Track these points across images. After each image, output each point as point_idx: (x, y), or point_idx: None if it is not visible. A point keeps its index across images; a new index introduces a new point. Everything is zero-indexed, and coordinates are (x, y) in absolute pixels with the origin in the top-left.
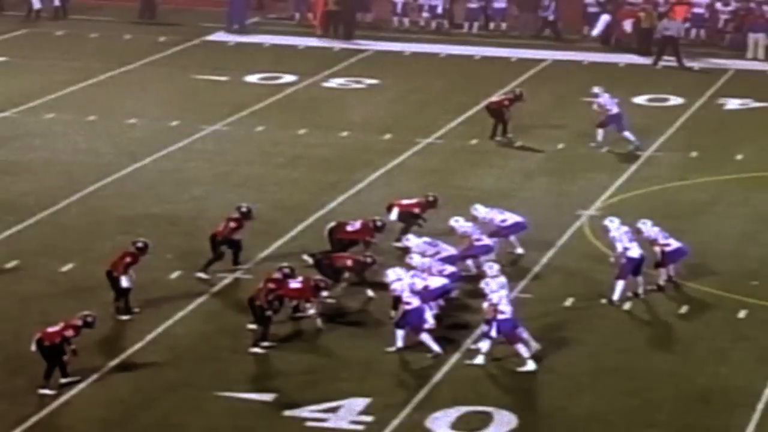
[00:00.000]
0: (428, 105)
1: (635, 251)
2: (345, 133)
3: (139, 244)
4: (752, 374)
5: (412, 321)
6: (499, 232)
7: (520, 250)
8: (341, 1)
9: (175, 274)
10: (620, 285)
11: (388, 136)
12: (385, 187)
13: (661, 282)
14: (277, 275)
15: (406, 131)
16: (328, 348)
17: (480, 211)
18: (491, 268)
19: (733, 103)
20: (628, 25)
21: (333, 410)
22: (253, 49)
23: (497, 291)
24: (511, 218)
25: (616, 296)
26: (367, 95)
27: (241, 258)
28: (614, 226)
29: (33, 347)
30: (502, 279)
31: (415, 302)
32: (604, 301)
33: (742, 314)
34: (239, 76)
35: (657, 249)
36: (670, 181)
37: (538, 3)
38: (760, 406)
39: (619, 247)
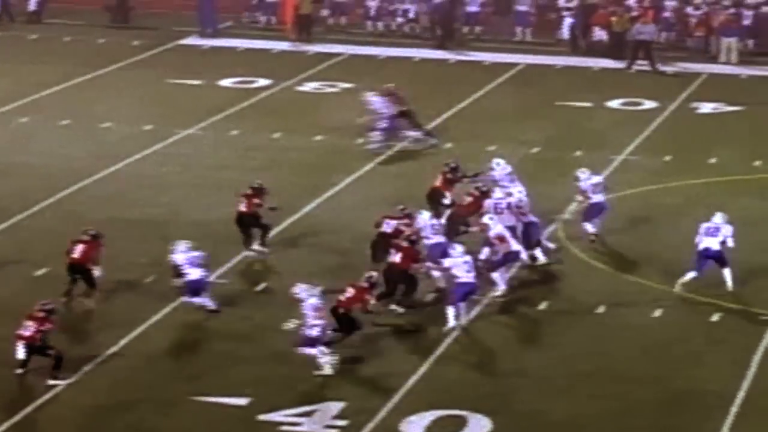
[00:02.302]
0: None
1: (599, 198)
2: (320, 137)
3: (92, 232)
4: (726, 377)
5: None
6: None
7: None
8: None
9: (149, 279)
10: (588, 226)
11: (362, 140)
12: (361, 190)
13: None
14: (364, 284)
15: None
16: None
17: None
18: (454, 249)
19: (706, 107)
20: (599, 33)
21: (307, 414)
22: (227, 53)
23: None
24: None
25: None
26: (342, 99)
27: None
28: (584, 176)
29: (20, 354)
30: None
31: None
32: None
33: (716, 317)
34: (213, 80)
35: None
36: (644, 184)
37: (511, 7)
38: (734, 409)
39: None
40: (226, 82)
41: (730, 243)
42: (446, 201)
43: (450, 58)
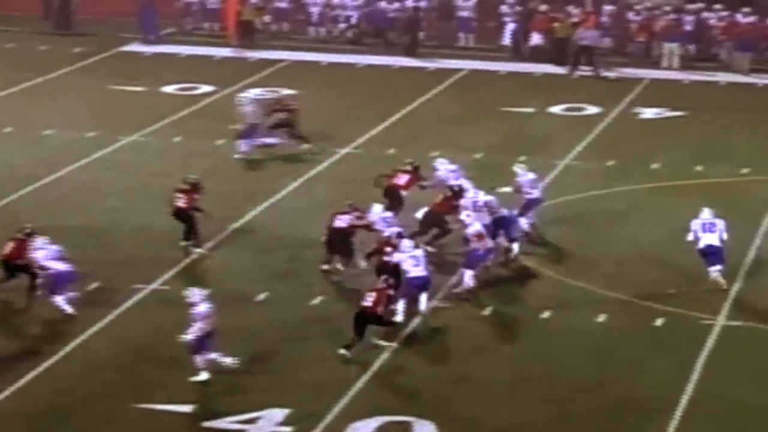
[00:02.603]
0: (346, 115)
1: (536, 193)
2: None
3: (27, 230)
4: (670, 382)
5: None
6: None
7: None
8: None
9: (92, 286)
10: (523, 220)
11: (306, 146)
12: (304, 196)
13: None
14: (382, 285)
15: (324, 141)
16: (247, 357)
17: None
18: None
19: (648, 113)
20: (537, 38)
21: (252, 421)
22: (169, 59)
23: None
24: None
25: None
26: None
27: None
28: (521, 172)
29: None
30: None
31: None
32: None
33: (659, 322)
34: (156, 87)
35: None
36: (587, 190)
37: (454, 13)
38: (677, 414)
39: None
40: (168, 89)
41: (724, 236)
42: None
43: (393, 63)
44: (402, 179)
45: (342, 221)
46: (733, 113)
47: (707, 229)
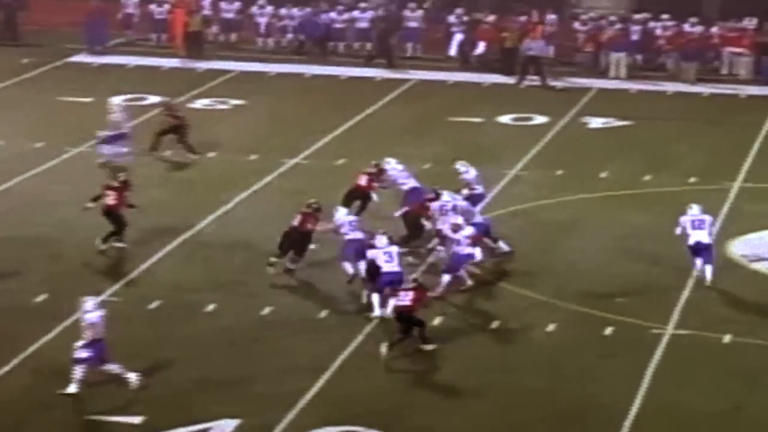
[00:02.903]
0: (294, 125)
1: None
2: (211, 154)
3: None
4: (619, 391)
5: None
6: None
7: None
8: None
9: (41, 297)
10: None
11: (254, 157)
12: (252, 207)
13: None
14: (414, 284)
15: (272, 152)
16: (197, 368)
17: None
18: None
19: (596, 122)
20: (482, 47)
21: None
22: (117, 70)
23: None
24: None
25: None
26: (233, 116)
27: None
28: (464, 169)
29: None
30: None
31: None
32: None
33: (608, 331)
34: (104, 98)
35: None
36: (536, 199)
37: (401, 23)
38: (627, 422)
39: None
40: (116, 100)
41: (710, 230)
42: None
43: (341, 74)
44: (363, 180)
45: (297, 221)
46: (680, 122)
47: (696, 226)
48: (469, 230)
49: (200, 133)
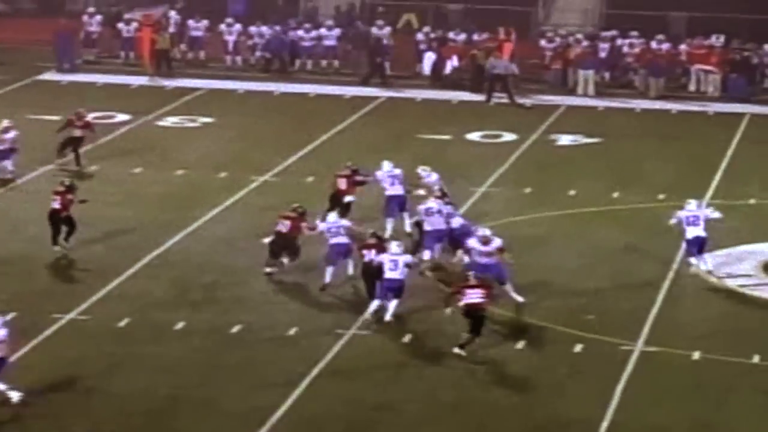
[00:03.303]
0: (264, 143)
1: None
2: (180, 172)
3: None
4: (589, 408)
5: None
6: None
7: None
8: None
9: (10, 316)
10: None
11: (224, 174)
12: (222, 224)
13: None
14: (474, 281)
15: (242, 169)
16: (167, 386)
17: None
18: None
19: (564, 139)
20: (450, 64)
21: None
22: (85, 88)
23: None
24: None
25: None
26: (202, 133)
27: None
28: (426, 173)
29: None
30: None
31: None
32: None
33: (578, 348)
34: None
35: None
36: (505, 216)
37: (369, 41)
38: None
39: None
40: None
41: (717, 215)
42: (349, 200)
43: (310, 91)
44: (342, 183)
45: (284, 226)
46: (649, 139)
47: (691, 222)
48: (497, 241)
49: (169, 150)
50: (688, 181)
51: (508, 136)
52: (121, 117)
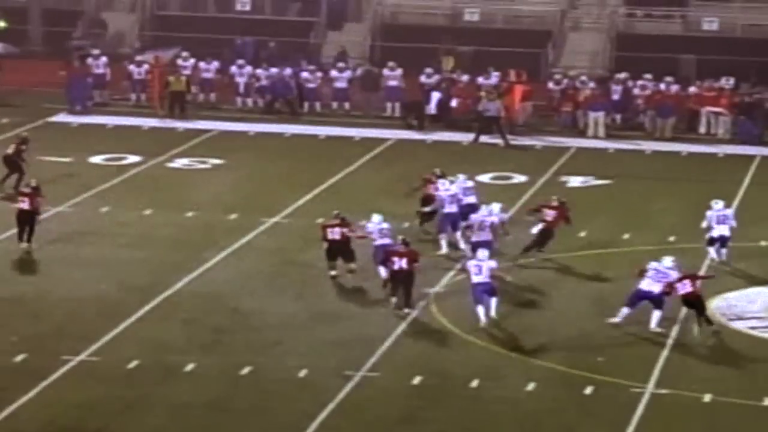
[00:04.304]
0: (274, 184)
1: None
2: (191, 213)
3: None
4: None
5: None
6: None
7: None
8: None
9: (19, 357)
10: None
11: (234, 216)
12: (232, 266)
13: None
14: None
15: (252, 211)
16: (177, 428)
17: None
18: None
19: (575, 181)
20: (434, 102)
21: None
22: (96, 129)
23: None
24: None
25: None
26: (213, 175)
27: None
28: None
29: None
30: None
31: None
32: None
33: (588, 390)
34: (84, 157)
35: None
36: (516, 258)
37: (380, 84)
38: None
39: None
40: (96, 159)
41: (733, 224)
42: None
43: (320, 133)
44: (336, 233)
45: (334, 233)
46: (659, 181)
47: (721, 221)
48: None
49: (180, 192)
50: (699, 223)
51: (519, 178)
52: (132, 159)
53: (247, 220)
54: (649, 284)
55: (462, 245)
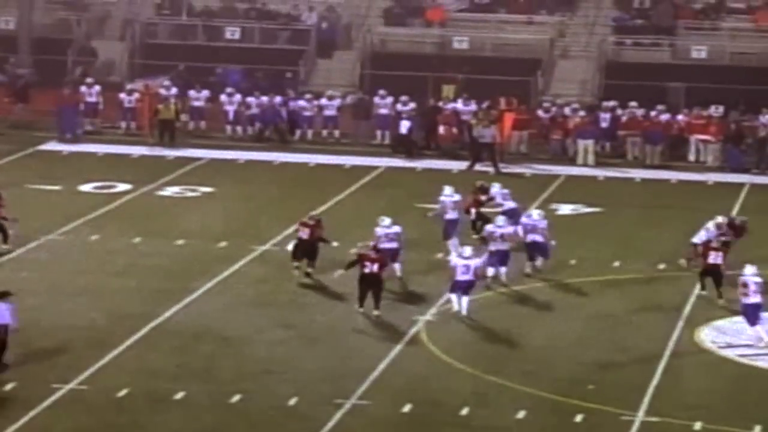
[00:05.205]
0: (264, 212)
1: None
2: (181, 241)
3: None
4: None
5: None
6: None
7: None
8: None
9: (9, 386)
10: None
11: (223, 244)
12: (222, 294)
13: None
14: None
15: (241, 239)
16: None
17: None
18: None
19: (565, 209)
20: (407, 126)
21: None
22: (86, 158)
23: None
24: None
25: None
26: (202, 203)
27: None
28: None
29: None
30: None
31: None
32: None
33: (578, 418)
34: (73, 185)
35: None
36: (506, 285)
37: (371, 112)
38: None
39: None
40: (86, 188)
41: None
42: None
43: (310, 160)
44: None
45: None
46: (649, 209)
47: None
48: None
49: (170, 220)
50: (688, 251)
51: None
52: (122, 187)
53: (236, 248)
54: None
55: (453, 252)
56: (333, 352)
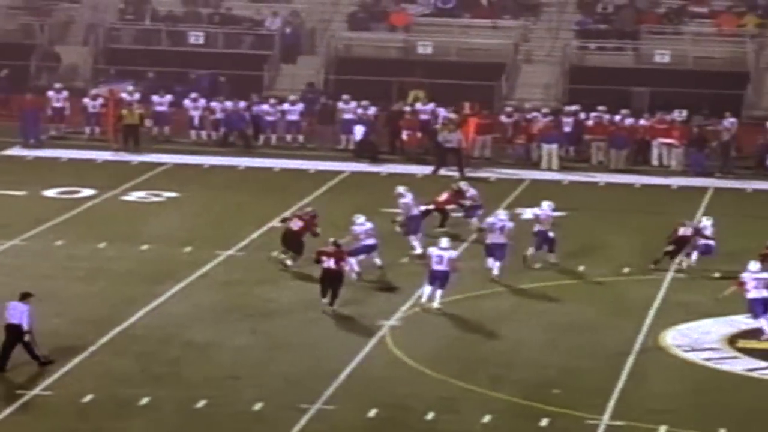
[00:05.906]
0: (229, 217)
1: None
2: (145, 246)
3: None
4: None
5: None
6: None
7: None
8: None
9: None
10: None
11: (188, 249)
12: (187, 299)
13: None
14: None
15: (206, 243)
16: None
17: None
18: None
19: (529, 213)
20: (362, 132)
21: None
22: (50, 163)
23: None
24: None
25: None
26: (167, 208)
27: None
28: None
29: None
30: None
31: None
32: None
33: (544, 422)
34: (37, 191)
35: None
36: (472, 290)
37: (335, 117)
38: None
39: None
40: (50, 193)
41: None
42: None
43: (275, 165)
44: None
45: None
46: (613, 213)
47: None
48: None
49: (134, 225)
50: (653, 254)
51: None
52: (86, 192)
53: (201, 253)
54: (759, 293)
55: (418, 248)
56: (298, 357)
